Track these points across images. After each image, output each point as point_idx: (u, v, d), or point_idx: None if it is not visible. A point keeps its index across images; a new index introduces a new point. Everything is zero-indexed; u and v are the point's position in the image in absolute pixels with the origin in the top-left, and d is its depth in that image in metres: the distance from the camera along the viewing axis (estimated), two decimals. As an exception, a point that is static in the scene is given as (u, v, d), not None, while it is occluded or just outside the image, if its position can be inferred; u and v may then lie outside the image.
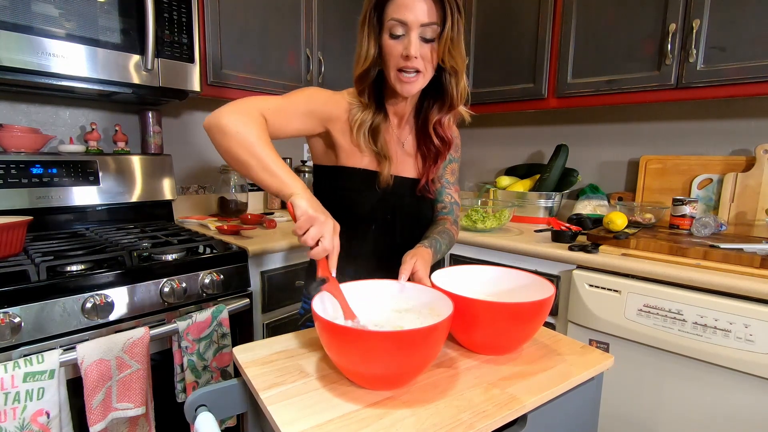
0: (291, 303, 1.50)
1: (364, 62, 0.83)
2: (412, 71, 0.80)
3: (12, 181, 1.33)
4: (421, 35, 0.79)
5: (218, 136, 0.73)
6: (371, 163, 0.90)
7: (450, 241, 0.95)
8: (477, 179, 2.36)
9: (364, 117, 0.86)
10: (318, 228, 0.67)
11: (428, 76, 0.83)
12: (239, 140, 0.72)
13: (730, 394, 1.08)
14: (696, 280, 1.11)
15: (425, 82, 0.83)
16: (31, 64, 1.13)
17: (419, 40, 0.79)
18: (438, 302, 0.68)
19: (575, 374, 0.66)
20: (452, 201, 1.03)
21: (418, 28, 0.78)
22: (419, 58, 0.79)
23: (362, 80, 0.86)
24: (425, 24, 0.78)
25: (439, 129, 0.92)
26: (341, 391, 0.59)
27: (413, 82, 0.81)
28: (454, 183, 1.06)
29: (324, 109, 0.86)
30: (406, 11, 0.77)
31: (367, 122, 0.86)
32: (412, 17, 0.77)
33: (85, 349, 0.95)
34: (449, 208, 1.02)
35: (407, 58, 0.78)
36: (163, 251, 1.20)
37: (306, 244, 0.68)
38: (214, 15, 1.50)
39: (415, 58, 0.79)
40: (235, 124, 0.72)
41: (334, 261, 0.70)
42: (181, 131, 1.82)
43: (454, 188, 1.05)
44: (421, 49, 0.79)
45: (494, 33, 1.86)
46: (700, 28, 1.33)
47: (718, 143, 1.61)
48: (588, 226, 1.55)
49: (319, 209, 0.70)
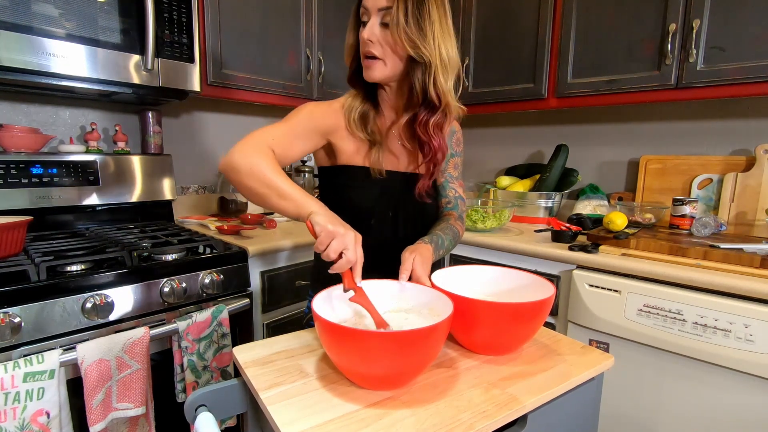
0: (291, 303, 1.50)
1: (347, 51, 0.90)
2: (370, 56, 0.82)
3: (12, 181, 1.33)
4: (381, 21, 0.80)
5: (233, 175, 0.77)
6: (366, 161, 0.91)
7: (454, 237, 0.94)
8: (477, 179, 2.36)
9: (353, 104, 0.90)
10: (339, 241, 0.68)
11: (392, 62, 0.83)
12: (252, 175, 0.75)
13: (730, 394, 1.08)
14: (696, 280, 1.11)
15: (389, 69, 0.83)
16: (31, 64, 1.13)
17: (379, 25, 0.80)
18: (438, 302, 0.68)
19: (575, 374, 0.66)
20: (457, 195, 1.02)
21: (376, 12, 0.80)
22: (376, 42, 0.81)
23: (349, 69, 0.91)
24: (382, 8, 0.79)
25: (421, 130, 0.87)
26: (341, 392, 0.59)
27: (371, 66, 0.83)
28: (458, 177, 1.04)
29: (324, 123, 0.88)
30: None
31: (356, 108, 0.89)
32: (371, 2, 0.80)
33: (85, 349, 0.95)
34: (454, 203, 1.01)
35: (364, 42, 0.81)
36: (163, 251, 1.20)
37: (329, 259, 0.69)
38: (214, 15, 1.50)
39: (370, 42, 0.80)
40: (245, 161, 0.75)
41: (358, 271, 0.71)
42: (181, 131, 1.82)
43: (458, 183, 1.04)
44: (381, 34, 0.80)
45: (494, 33, 1.86)
46: (700, 28, 1.33)
47: (718, 143, 1.61)
48: (588, 226, 1.55)
49: (337, 223, 0.70)
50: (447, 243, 0.91)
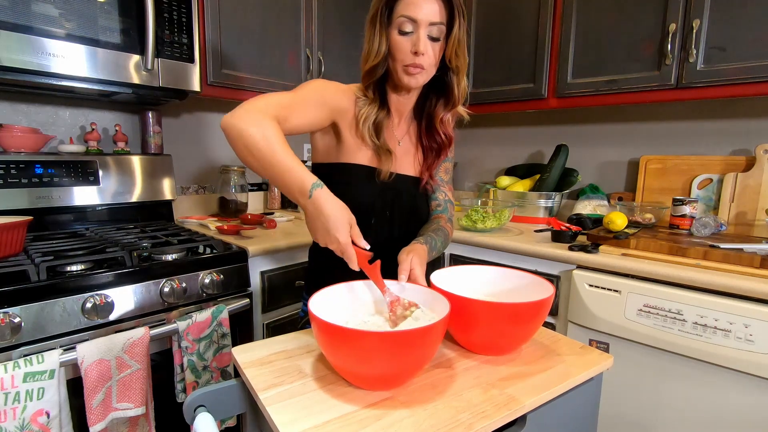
0: (291, 303, 1.50)
1: (374, 58, 0.86)
2: (419, 67, 0.84)
3: (12, 181, 1.33)
4: (429, 33, 0.83)
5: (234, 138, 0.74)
6: (372, 160, 0.93)
7: (445, 239, 0.96)
8: (477, 179, 2.36)
9: (370, 111, 0.90)
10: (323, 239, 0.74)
11: (431, 72, 0.87)
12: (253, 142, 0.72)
13: (730, 394, 1.08)
14: (696, 280, 1.11)
15: (428, 77, 0.88)
16: (31, 64, 1.13)
17: (426, 38, 0.83)
18: (436, 302, 0.68)
19: (575, 374, 0.66)
20: (446, 199, 1.05)
21: (426, 26, 0.82)
22: (426, 55, 0.83)
23: (370, 75, 0.89)
24: (434, 23, 0.82)
25: (442, 126, 0.96)
26: (340, 392, 0.59)
27: (418, 75, 0.85)
28: (448, 182, 1.07)
29: (335, 99, 0.88)
30: (416, 9, 0.81)
31: (372, 116, 0.90)
32: (422, 15, 0.81)
33: (85, 349, 0.95)
34: (443, 206, 1.04)
35: (416, 54, 0.82)
36: (163, 251, 1.20)
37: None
38: (214, 15, 1.50)
39: (422, 55, 0.83)
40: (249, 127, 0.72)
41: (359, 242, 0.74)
42: (181, 131, 1.82)
43: (447, 187, 1.07)
44: (429, 47, 0.83)
45: (494, 33, 1.86)
46: (700, 28, 1.33)
47: (718, 143, 1.61)
48: (588, 226, 1.55)
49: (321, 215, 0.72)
50: (439, 245, 0.92)
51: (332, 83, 0.90)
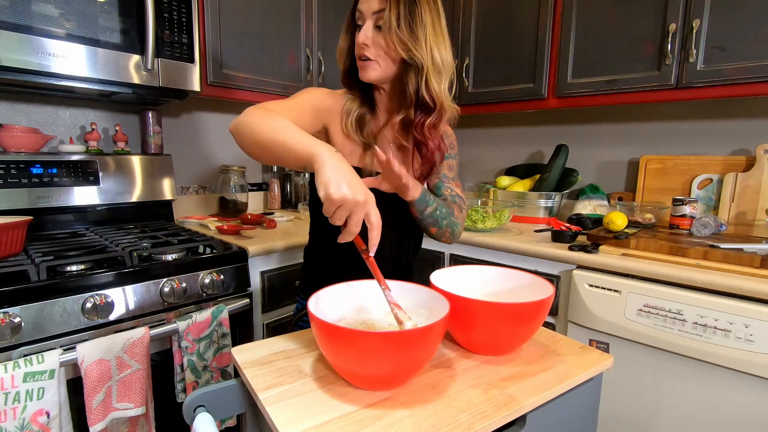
0: (291, 303, 1.50)
1: (339, 54, 0.92)
2: (365, 58, 0.84)
3: (12, 181, 1.33)
4: (375, 24, 0.82)
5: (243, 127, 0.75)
6: (362, 161, 0.92)
7: (449, 211, 0.92)
8: (477, 179, 2.36)
9: (351, 106, 0.91)
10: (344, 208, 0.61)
11: (385, 64, 0.84)
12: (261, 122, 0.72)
13: (730, 394, 1.08)
14: (696, 280, 1.11)
15: (383, 71, 0.85)
16: (31, 64, 1.13)
17: (373, 29, 0.82)
18: (435, 302, 0.67)
19: (574, 375, 0.66)
20: (453, 194, 0.99)
21: (371, 16, 0.82)
22: (370, 45, 0.82)
23: (343, 72, 0.92)
24: (375, 11, 0.81)
25: (417, 132, 0.87)
26: (340, 392, 0.59)
27: (366, 67, 0.85)
28: (454, 179, 1.02)
29: (325, 104, 0.90)
30: (364, 1, 0.82)
31: (354, 111, 0.90)
32: (366, 6, 0.82)
33: (85, 349, 0.95)
34: (450, 200, 0.98)
35: (359, 45, 0.83)
36: (163, 251, 1.20)
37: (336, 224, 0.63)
38: (214, 15, 1.50)
39: (365, 45, 0.82)
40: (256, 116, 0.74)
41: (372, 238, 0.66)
42: (181, 131, 1.82)
43: (454, 183, 1.01)
44: (375, 37, 0.82)
45: (494, 33, 1.86)
46: (700, 28, 1.33)
47: (718, 143, 1.61)
48: (588, 226, 1.55)
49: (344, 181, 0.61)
50: (439, 211, 0.89)
51: (325, 90, 0.93)
